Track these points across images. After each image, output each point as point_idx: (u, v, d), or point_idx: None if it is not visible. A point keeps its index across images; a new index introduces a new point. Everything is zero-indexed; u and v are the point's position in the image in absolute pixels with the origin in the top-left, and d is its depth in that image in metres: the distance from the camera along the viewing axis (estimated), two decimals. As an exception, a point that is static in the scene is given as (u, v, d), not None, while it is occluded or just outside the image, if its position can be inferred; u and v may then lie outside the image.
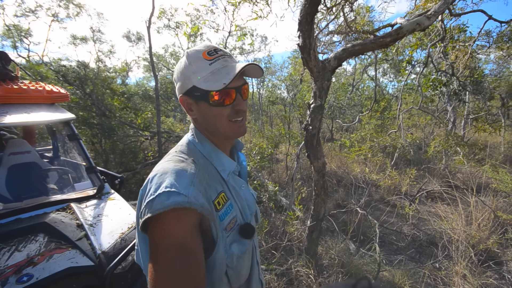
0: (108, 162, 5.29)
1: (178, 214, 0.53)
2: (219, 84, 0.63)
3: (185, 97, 0.69)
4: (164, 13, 7.25)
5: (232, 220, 0.68)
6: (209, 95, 0.65)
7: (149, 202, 0.54)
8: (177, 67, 0.71)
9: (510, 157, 6.49)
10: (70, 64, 6.09)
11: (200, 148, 0.72)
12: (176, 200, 0.53)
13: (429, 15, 1.68)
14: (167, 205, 0.52)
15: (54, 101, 2.27)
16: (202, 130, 0.74)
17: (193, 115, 0.71)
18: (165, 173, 0.58)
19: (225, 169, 0.72)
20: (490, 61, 10.63)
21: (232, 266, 0.65)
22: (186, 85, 0.67)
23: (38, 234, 1.52)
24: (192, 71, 0.65)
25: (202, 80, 0.64)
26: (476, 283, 2.36)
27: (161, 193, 0.54)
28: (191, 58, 0.66)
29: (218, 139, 0.74)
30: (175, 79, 0.71)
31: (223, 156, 0.73)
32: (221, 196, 0.66)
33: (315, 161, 2.13)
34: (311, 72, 1.73)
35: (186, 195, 0.54)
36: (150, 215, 0.53)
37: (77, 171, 2.34)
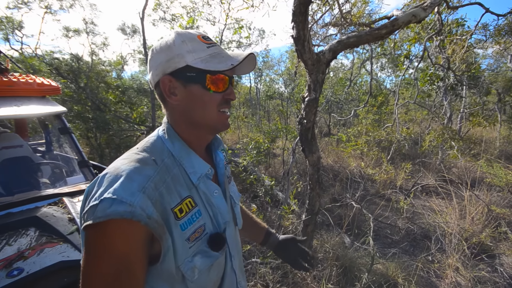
0: (104, 156, 5.25)
1: (120, 227, 0.48)
2: (225, 65, 0.59)
3: (170, 77, 0.60)
4: (159, 5, 7.12)
5: (199, 229, 0.60)
6: (206, 77, 0.60)
7: (92, 207, 0.48)
8: (159, 45, 0.62)
9: (505, 152, 6.54)
10: (63, 57, 6.00)
11: (169, 146, 0.63)
12: (117, 210, 0.47)
13: (425, 7, 1.65)
14: (107, 214, 0.47)
15: (45, 94, 2.23)
16: (179, 122, 0.65)
17: (175, 100, 0.62)
18: (114, 174, 0.52)
19: (196, 172, 0.63)
20: (487, 56, 10.63)
21: (193, 280, 0.58)
22: (175, 64, 0.59)
23: (29, 228, 1.51)
24: (187, 50, 0.59)
25: (200, 60, 0.59)
26: (469, 275, 2.39)
27: (103, 199, 0.48)
28: (184, 37, 0.61)
29: (197, 134, 0.67)
30: (154, 58, 0.62)
31: (194, 156, 0.65)
32: (186, 201, 0.59)
33: (310, 155, 2.13)
34: (305, 65, 1.71)
35: (130, 204, 0.48)
36: (90, 222, 0.47)
37: (69, 165, 2.31)
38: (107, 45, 7.35)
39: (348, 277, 2.42)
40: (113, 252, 0.47)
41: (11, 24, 8.75)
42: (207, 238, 0.62)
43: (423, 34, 4.26)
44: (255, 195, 3.98)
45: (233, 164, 4.64)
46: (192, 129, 0.65)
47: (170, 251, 0.55)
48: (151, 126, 5.08)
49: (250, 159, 4.34)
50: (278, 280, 2.35)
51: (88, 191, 0.53)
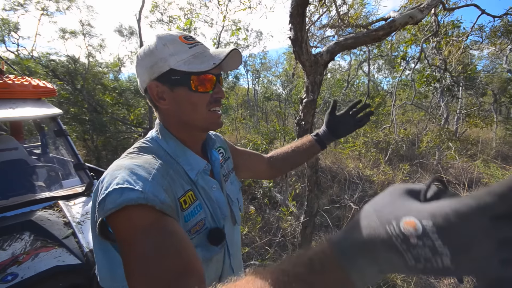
0: (100, 159, 5.22)
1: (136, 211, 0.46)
2: (207, 65, 0.59)
3: (156, 83, 0.60)
4: (156, 7, 7.11)
5: (200, 222, 0.60)
6: (191, 78, 0.59)
7: (101, 202, 0.47)
8: (142, 51, 0.62)
9: (502, 152, 6.59)
10: (59, 58, 5.95)
11: (164, 145, 0.64)
12: (130, 197, 0.45)
13: (422, 8, 1.66)
14: (119, 202, 0.45)
15: (41, 96, 2.21)
16: (172, 124, 0.65)
17: (164, 104, 0.62)
18: (117, 170, 0.51)
19: (193, 168, 0.64)
20: (483, 57, 10.73)
21: None
22: (159, 69, 0.59)
23: (24, 233, 1.48)
24: (169, 53, 0.59)
25: (183, 62, 0.59)
26: (467, 276, 2.39)
27: (111, 190, 0.46)
28: (165, 40, 0.60)
29: (190, 134, 0.67)
30: (140, 65, 0.62)
31: (190, 154, 0.66)
32: (188, 194, 0.59)
33: (308, 156, 2.12)
34: (303, 66, 1.70)
35: (142, 191, 0.46)
36: (102, 217, 0.46)
37: (65, 168, 2.29)
38: (104, 47, 7.33)
39: (347, 279, 2.42)
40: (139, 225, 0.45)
41: (7, 26, 8.69)
42: (207, 232, 0.62)
43: (420, 36, 4.29)
44: (254, 196, 3.97)
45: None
46: (185, 129, 0.66)
47: None
48: (148, 128, 5.06)
49: (248, 160, 4.32)
50: (276, 282, 2.33)
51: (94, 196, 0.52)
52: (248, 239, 2.93)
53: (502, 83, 8.69)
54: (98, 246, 0.56)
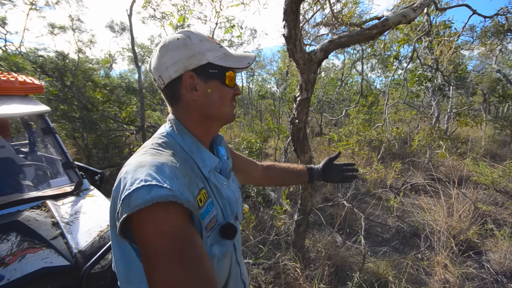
0: (91, 157, 5.12)
1: (165, 209, 0.46)
2: (242, 63, 0.67)
3: (191, 74, 0.63)
4: (149, 2, 6.99)
5: (213, 219, 0.63)
6: (226, 74, 0.65)
7: (125, 198, 0.46)
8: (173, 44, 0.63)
9: (490, 151, 6.74)
10: (48, 54, 5.78)
11: (179, 141, 0.65)
12: (160, 193, 0.45)
13: (415, 7, 1.67)
14: (148, 199, 0.44)
15: (28, 93, 2.14)
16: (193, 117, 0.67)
17: (196, 96, 0.64)
18: (141, 166, 0.50)
19: (206, 165, 0.66)
20: (473, 57, 10.93)
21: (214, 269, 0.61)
22: (198, 61, 0.62)
23: (10, 233, 1.43)
24: (206, 49, 0.63)
25: (219, 58, 0.64)
26: (457, 272, 2.43)
27: (139, 187, 0.46)
28: (200, 36, 0.65)
29: (208, 128, 0.70)
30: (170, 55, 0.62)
31: (204, 151, 0.68)
32: (202, 192, 0.61)
33: (302, 155, 2.12)
34: (297, 64, 1.69)
35: (170, 189, 0.47)
36: (128, 213, 0.44)
37: (53, 167, 2.23)
38: (94, 43, 7.16)
39: (340, 276, 2.43)
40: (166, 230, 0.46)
41: (-7, 20, 8.40)
42: (219, 228, 0.64)
43: (412, 35, 4.34)
44: (247, 195, 3.96)
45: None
46: (205, 122, 0.68)
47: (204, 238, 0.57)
48: (140, 126, 4.97)
49: (242, 159, 4.30)
50: (270, 281, 2.33)
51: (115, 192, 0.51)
52: (241, 237, 2.92)
53: (491, 83, 8.87)
54: (117, 245, 0.56)
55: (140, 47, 13.04)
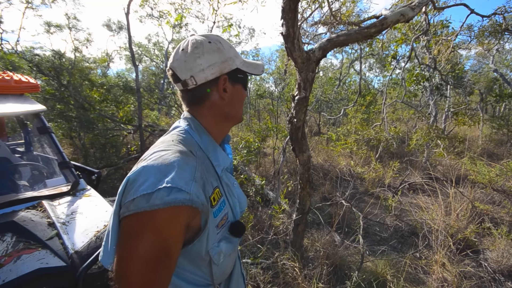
0: (88, 157, 5.08)
1: (177, 212, 0.51)
2: (258, 70, 0.74)
3: (225, 77, 0.68)
4: (146, 1, 6.95)
5: (224, 217, 0.66)
6: (247, 79, 0.73)
7: (146, 195, 0.49)
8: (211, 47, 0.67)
9: (488, 150, 6.78)
10: (44, 53, 5.73)
11: (197, 139, 0.67)
12: (178, 198, 0.50)
13: (413, 6, 1.67)
14: (167, 201, 0.49)
15: (23, 92, 2.11)
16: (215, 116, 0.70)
17: (225, 97, 0.69)
18: (165, 164, 0.54)
19: (220, 165, 0.69)
20: (470, 57, 10.98)
21: (218, 263, 0.65)
22: (230, 66, 0.68)
23: (6, 234, 1.42)
24: (234, 54, 0.70)
25: (242, 65, 0.71)
26: (455, 271, 2.44)
27: (161, 188, 0.50)
28: (228, 43, 0.71)
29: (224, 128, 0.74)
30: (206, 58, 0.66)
31: (219, 150, 0.71)
32: (216, 191, 0.64)
33: (300, 154, 2.11)
34: (295, 63, 1.68)
35: (188, 192, 0.51)
36: (146, 210, 0.49)
37: (49, 167, 2.20)
38: (91, 41, 7.11)
39: (339, 276, 2.43)
40: (162, 236, 0.50)
41: (-11, 19, 8.31)
42: (228, 225, 0.68)
43: (410, 35, 4.34)
44: (246, 194, 3.95)
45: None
46: (223, 122, 0.73)
47: (205, 235, 0.60)
48: (138, 126, 4.95)
49: (240, 158, 4.30)
50: (269, 280, 2.33)
51: (131, 180, 0.53)
52: (240, 237, 2.91)
53: (488, 82, 8.92)
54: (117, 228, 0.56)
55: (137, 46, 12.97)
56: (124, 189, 0.54)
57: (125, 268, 0.50)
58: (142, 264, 0.49)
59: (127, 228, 0.52)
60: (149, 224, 0.50)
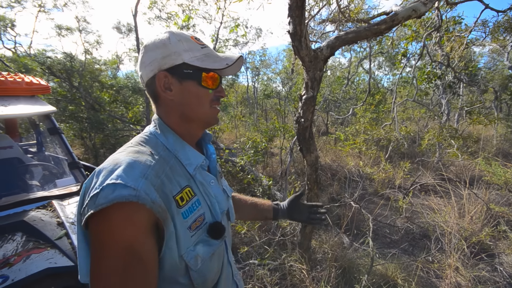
0: (98, 157, 5.17)
1: (125, 210, 0.47)
2: (220, 64, 0.65)
3: (166, 73, 0.63)
4: (155, 3, 7.02)
5: (199, 218, 0.61)
6: (202, 74, 0.64)
7: (93, 196, 0.48)
8: (152, 43, 0.64)
9: (503, 150, 6.55)
10: (55, 55, 5.86)
11: (162, 140, 0.65)
12: (122, 194, 0.47)
13: (425, 1, 1.61)
14: (111, 199, 0.46)
15: (34, 93, 2.16)
16: (172, 117, 0.66)
17: (170, 95, 0.64)
18: (114, 164, 0.52)
19: (191, 163, 0.65)
20: (484, 54, 10.66)
21: (196, 268, 0.59)
22: (172, 61, 0.62)
23: (16, 233, 1.44)
24: (184, 49, 0.63)
25: (196, 59, 0.63)
26: (469, 275, 2.36)
27: (105, 186, 0.47)
28: (179, 36, 0.64)
29: (189, 129, 0.68)
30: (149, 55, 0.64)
31: (189, 148, 0.67)
32: (185, 191, 0.60)
33: (308, 154, 2.08)
34: (302, 62, 1.65)
35: (134, 188, 0.48)
36: (93, 211, 0.47)
37: (60, 167, 2.24)
38: (101, 43, 7.24)
39: (347, 279, 2.38)
40: (120, 238, 0.47)
41: (3, 23, 8.59)
42: (206, 227, 0.63)
43: (421, 32, 4.23)
44: (253, 195, 3.93)
45: (230, 163, 4.58)
46: (185, 123, 0.67)
47: (173, 238, 0.55)
48: (146, 126, 5.01)
49: (247, 158, 4.28)
50: (276, 282, 2.30)
51: (86, 186, 0.52)
52: (247, 238, 2.90)
53: (503, 80, 8.62)
54: (83, 239, 0.55)
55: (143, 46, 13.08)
56: (82, 197, 0.52)
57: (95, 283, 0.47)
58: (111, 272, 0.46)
59: (89, 237, 0.50)
60: (102, 226, 0.47)
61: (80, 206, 0.52)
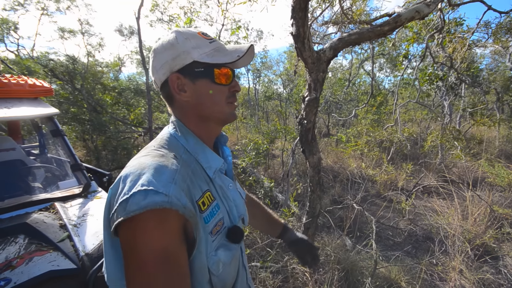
0: (100, 159, 5.18)
1: (159, 217, 0.46)
2: (231, 57, 0.62)
3: (178, 75, 0.61)
4: (157, 6, 7.06)
5: (219, 222, 0.60)
6: (214, 71, 0.62)
7: (123, 202, 0.46)
8: (160, 45, 0.63)
9: (505, 151, 6.51)
10: (58, 58, 5.90)
11: (183, 142, 0.63)
12: (154, 200, 0.46)
13: (429, 3, 1.60)
14: (143, 205, 0.45)
15: (37, 96, 2.16)
16: (190, 118, 0.65)
17: (185, 97, 0.63)
18: (141, 169, 0.50)
19: (211, 166, 0.64)
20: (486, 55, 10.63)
21: (217, 274, 0.58)
22: (182, 61, 0.60)
23: (18, 236, 1.44)
24: (192, 46, 0.60)
25: (206, 55, 0.61)
26: (473, 278, 2.34)
27: (136, 192, 0.46)
28: (186, 34, 0.62)
29: (207, 128, 0.67)
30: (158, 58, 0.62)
31: (209, 151, 0.65)
32: (206, 195, 0.59)
33: (310, 156, 2.07)
34: (305, 63, 1.65)
35: (166, 194, 0.47)
36: (123, 218, 0.45)
37: (62, 169, 2.24)
38: (103, 46, 7.27)
39: (350, 281, 2.36)
40: (156, 245, 0.46)
41: (6, 26, 8.65)
42: (225, 231, 0.62)
43: (424, 33, 4.22)
44: (255, 197, 3.92)
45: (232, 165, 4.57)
46: (203, 123, 0.66)
47: (203, 242, 0.55)
48: (148, 128, 5.01)
49: (249, 160, 4.28)
50: (278, 285, 2.29)
51: (112, 192, 0.51)
52: (249, 240, 2.88)
53: (505, 81, 8.58)
54: (110, 244, 0.55)
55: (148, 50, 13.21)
56: (109, 203, 0.51)
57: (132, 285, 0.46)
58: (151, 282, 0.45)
59: (121, 246, 0.48)
60: (135, 235, 0.46)
61: (108, 212, 0.51)
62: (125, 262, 0.48)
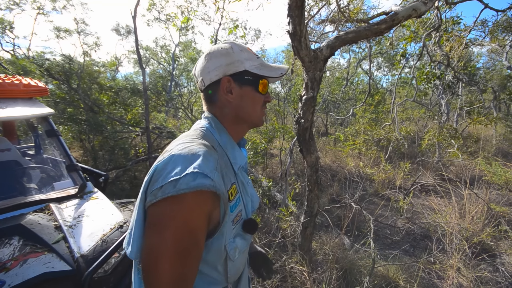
0: (97, 159, 5.14)
1: (202, 198, 0.53)
2: (275, 73, 0.74)
3: (229, 78, 0.71)
4: (154, 5, 7.02)
5: (239, 213, 0.68)
6: (260, 81, 0.72)
7: (173, 181, 0.52)
8: (217, 51, 0.72)
9: (502, 149, 6.55)
10: (54, 57, 5.85)
11: (217, 137, 0.71)
12: (203, 183, 0.52)
13: (425, 1, 1.60)
14: (192, 186, 0.51)
15: (32, 95, 2.14)
16: (227, 116, 0.73)
17: (231, 98, 0.72)
18: (192, 153, 0.56)
19: (237, 163, 0.73)
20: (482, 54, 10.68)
21: (234, 259, 0.66)
22: (236, 68, 0.71)
23: (13, 237, 1.42)
24: (245, 58, 0.72)
25: (255, 67, 0.72)
26: (470, 276, 2.34)
27: (188, 173, 0.52)
28: (241, 47, 0.73)
29: (239, 129, 0.76)
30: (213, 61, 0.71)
31: (237, 149, 0.75)
32: (233, 187, 0.66)
33: (308, 155, 2.06)
34: (302, 62, 1.64)
35: (212, 179, 0.54)
36: (173, 194, 0.51)
37: (57, 169, 2.22)
38: (99, 45, 7.21)
39: (349, 280, 2.36)
40: (189, 222, 0.52)
41: (2, 25, 8.56)
42: (242, 222, 0.70)
43: (421, 32, 4.23)
44: (253, 196, 3.91)
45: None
46: (237, 123, 0.75)
47: (225, 228, 0.62)
48: (145, 128, 4.98)
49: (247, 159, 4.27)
50: (276, 284, 2.28)
51: (159, 169, 0.55)
52: (247, 240, 2.87)
53: (501, 80, 8.63)
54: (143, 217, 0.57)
55: (144, 49, 13.15)
56: (151, 178, 0.56)
57: (154, 260, 0.50)
58: (173, 254, 0.50)
59: (154, 217, 0.53)
60: (176, 210, 0.51)
61: (147, 185, 0.56)
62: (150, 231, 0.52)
